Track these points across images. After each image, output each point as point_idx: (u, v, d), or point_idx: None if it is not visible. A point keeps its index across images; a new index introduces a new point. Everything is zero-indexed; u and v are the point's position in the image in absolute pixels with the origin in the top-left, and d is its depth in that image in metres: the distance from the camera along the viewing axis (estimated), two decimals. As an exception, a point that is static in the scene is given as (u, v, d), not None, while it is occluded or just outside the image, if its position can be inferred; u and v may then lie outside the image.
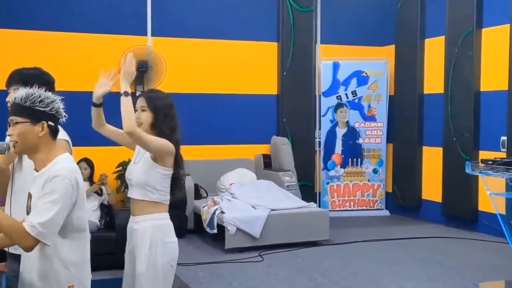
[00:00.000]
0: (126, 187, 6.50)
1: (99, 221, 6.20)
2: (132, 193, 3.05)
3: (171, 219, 6.16)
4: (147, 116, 3.01)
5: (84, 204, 2.47)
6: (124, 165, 6.57)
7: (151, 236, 2.95)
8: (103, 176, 6.32)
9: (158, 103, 3.04)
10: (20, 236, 2.22)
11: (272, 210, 5.99)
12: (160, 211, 3.03)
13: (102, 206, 6.35)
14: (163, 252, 2.95)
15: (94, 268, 5.66)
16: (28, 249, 2.27)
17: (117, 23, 6.96)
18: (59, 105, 2.47)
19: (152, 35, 7.12)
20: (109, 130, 3.17)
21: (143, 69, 6.82)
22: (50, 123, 2.40)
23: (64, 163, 2.39)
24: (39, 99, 2.37)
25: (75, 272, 2.41)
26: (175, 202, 6.13)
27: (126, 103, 2.88)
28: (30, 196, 2.40)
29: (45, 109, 2.38)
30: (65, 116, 2.52)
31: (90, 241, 5.73)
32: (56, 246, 2.36)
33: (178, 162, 3.05)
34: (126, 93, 2.91)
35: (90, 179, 6.37)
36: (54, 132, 2.45)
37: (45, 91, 2.45)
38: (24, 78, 2.72)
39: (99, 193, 6.31)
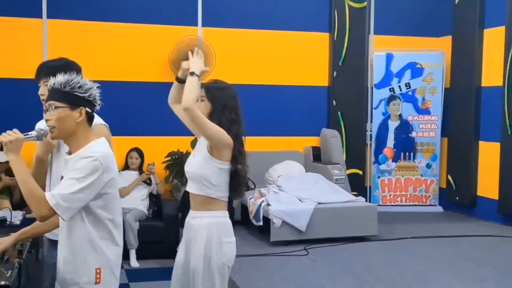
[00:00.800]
0: (175, 177, 6.60)
1: (148, 210, 6.27)
2: (190, 187, 3.01)
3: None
4: (204, 106, 2.95)
5: (116, 191, 2.48)
6: (173, 155, 6.60)
7: (207, 234, 2.89)
8: (151, 166, 6.37)
9: (216, 94, 2.97)
10: (39, 203, 2.25)
11: (319, 203, 5.90)
12: (218, 209, 2.96)
13: (150, 196, 6.42)
14: (218, 252, 2.89)
15: (141, 256, 5.80)
16: (43, 218, 2.30)
17: (168, 13, 6.96)
18: (97, 92, 2.48)
19: (202, 25, 7.10)
20: (181, 109, 3.10)
21: (192, 60, 6.81)
22: (88, 109, 2.43)
23: (98, 147, 2.41)
24: (78, 84, 2.40)
25: (103, 256, 2.42)
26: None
27: (190, 81, 2.86)
28: (61, 178, 2.42)
29: (84, 95, 2.41)
30: (100, 104, 2.52)
31: (138, 230, 5.85)
32: (86, 228, 2.38)
33: (235, 156, 2.93)
34: (192, 73, 2.89)
35: (140, 168, 6.44)
36: (90, 119, 2.47)
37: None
38: (52, 70, 2.72)
39: (148, 182, 6.38)
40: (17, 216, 3.45)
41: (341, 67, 7.54)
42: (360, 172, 7.62)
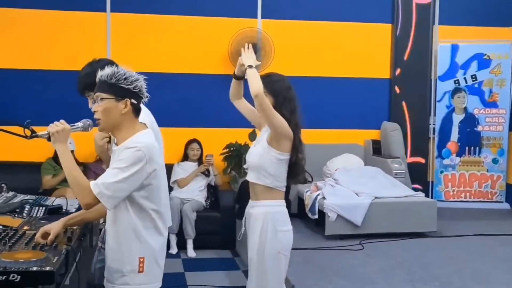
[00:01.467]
0: (233, 168, 6.65)
1: (205, 201, 6.35)
2: (249, 176, 3.09)
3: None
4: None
5: (160, 182, 2.51)
6: (231, 147, 6.65)
7: (263, 223, 2.97)
8: (209, 157, 6.44)
9: (276, 86, 3.03)
10: (83, 191, 2.32)
11: (376, 198, 5.80)
12: (274, 198, 3.02)
13: (208, 187, 6.50)
14: (273, 240, 2.94)
15: (198, 246, 5.87)
16: (87, 206, 2.36)
17: (228, 6, 7.00)
18: (142, 84, 2.52)
19: (262, 17, 7.09)
20: (244, 104, 3.25)
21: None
22: (133, 101, 2.46)
23: (142, 137, 2.45)
24: (124, 76, 2.44)
25: (147, 245, 2.46)
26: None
27: (252, 72, 2.94)
28: None
29: (129, 86, 2.45)
30: (147, 96, 2.55)
31: (195, 221, 5.93)
32: (130, 218, 2.43)
33: (296, 146, 3.01)
34: (250, 66, 2.97)
35: (199, 160, 6.53)
36: (136, 110, 2.50)
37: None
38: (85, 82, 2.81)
39: (206, 173, 6.45)
40: (73, 204, 3.55)
41: (403, 59, 7.35)
42: (423, 160, 7.42)
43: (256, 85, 2.87)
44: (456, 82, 7.51)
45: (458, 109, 7.54)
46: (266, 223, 2.95)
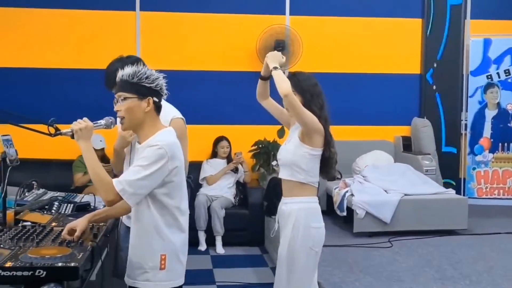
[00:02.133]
0: (261, 166, 6.66)
1: (234, 198, 6.38)
2: (282, 173, 3.12)
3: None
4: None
5: (181, 179, 2.53)
6: (259, 144, 6.65)
7: (295, 219, 3.00)
8: (239, 155, 6.47)
9: (303, 85, 3.06)
10: (106, 188, 2.36)
11: (405, 195, 5.74)
12: (308, 194, 3.05)
13: (237, 184, 6.53)
14: (305, 236, 2.98)
15: (227, 243, 5.91)
16: (110, 202, 2.41)
17: (256, 3, 7.00)
18: (163, 82, 2.54)
19: (290, 14, 7.08)
20: (271, 103, 3.30)
21: (279, 48, 6.82)
22: (155, 99, 2.49)
23: (164, 135, 2.48)
24: (145, 75, 2.47)
25: (169, 242, 2.48)
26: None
27: (278, 73, 2.98)
28: None
29: (151, 85, 2.48)
30: (166, 94, 2.58)
31: (224, 218, 5.97)
32: (152, 214, 2.46)
33: (328, 141, 3.05)
34: (275, 68, 3.01)
35: (228, 157, 6.56)
36: (158, 108, 2.53)
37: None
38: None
39: (235, 171, 6.48)
40: (101, 201, 3.60)
41: (433, 54, 7.26)
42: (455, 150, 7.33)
43: (284, 84, 2.90)
44: (489, 77, 7.37)
45: (490, 105, 7.41)
46: (299, 219, 2.99)
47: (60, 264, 2.20)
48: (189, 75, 6.77)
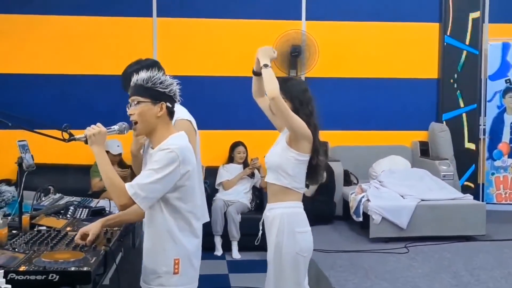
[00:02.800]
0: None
1: (250, 203, 6.39)
2: (268, 177, 3.11)
3: (319, 204, 6.20)
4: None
5: (194, 184, 2.53)
6: (275, 149, 6.65)
7: (279, 224, 2.98)
8: (255, 160, 6.48)
9: (292, 90, 3.05)
10: (119, 192, 2.39)
11: (422, 200, 5.70)
12: (292, 199, 3.03)
13: (253, 189, 6.53)
14: (291, 242, 2.96)
15: (243, 248, 5.91)
16: (122, 207, 2.43)
17: (272, 8, 7.02)
18: (176, 88, 2.57)
19: (306, 19, 7.08)
20: (265, 103, 3.23)
21: (295, 53, 6.83)
22: (168, 104, 2.51)
23: (176, 139, 2.50)
24: (160, 80, 2.50)
25: (182, 247, 2.49)
26: (322, 188, 6.16)
27: (268, 73, 2.96)
28: None
29: (165, 90, 2.50)
30: (180, 100, 2.60)
31: (240, 223, 5.98)
32: (165, 219, 2.47)
33: (316, 148, 3.03)
34: (266, 65, 2.98)
35: (244, 162, 6.57)
36: (171, 113, 2.56)
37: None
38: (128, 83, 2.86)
39: (251, 176, 6.48)
40: (116, 206, 3.64)
41: (451, 58, 7.22)
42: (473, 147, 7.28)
43: (271, 86, 2.88)
44: (508, 81, 7.30)
45: (509, 109, 7.33)
46: (283, 224, 2.97)
47: (73, 269, 2.23)
48: (206, 80, 6.81)
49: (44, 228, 2.88)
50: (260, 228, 3.17)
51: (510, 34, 7.26)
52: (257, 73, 3.15)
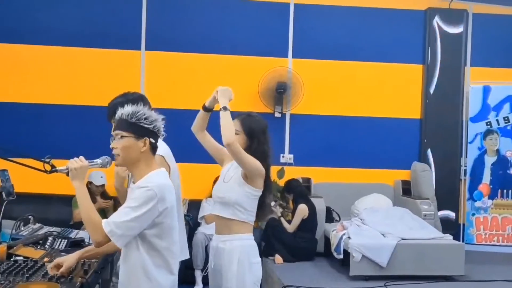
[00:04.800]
0: (260, 206, 6.68)
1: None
2: (220, 211, 3.12)
3: (300, 241, 6.21)
4: (241, 140, 3.07)
5: (172, 221, 2.55)
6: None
7: (239, 256, 3.02)
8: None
9: (253, 127, 3.10)
10: (95, 228, 2.39)
11: (402, 239, 5.73)
12: (246, 231, 3.10)
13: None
14: (249, 272, 3.02)
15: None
16: (98, 244, 2.42)
17: (259, 45, 7.14)
18: (161, 124, 2.60)
19: (293, 56, 7.20)
20: (206, 137, 3.32)
21: (281, 90, 6.93)
22: (152, 139, 2.54)
23: (155, 177, 2.52)
24: (144, 116, 2.53)
25: (156, 284, 2.49)
26: (305, 224, 6.17)
27: (225, 116, 3.03)
28: None
29: (149, 126, 2.53)
30: (163, 135, 2.64)
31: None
32: (140, 256, 2.48)
33: (267, 186, 3.09)
34: (225, 108, 3.06)
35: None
36: (154, 149, 2.58)
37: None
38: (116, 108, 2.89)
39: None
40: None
41: (434, 100, 7.36)
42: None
43: (228, 133, 2.94)
44: (488, 123, 7.43)
45: (490, 151, 7.44)
46: (242, 256, 3.02)
47: (47, 300, 2.24)
48: (192, 114, 6.79)
49: (21, 258, 2.89)
50: (211, 259, 3.16)
51: (491, 78, 7.43)
52: (208, 109, 3.20)
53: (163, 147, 3.10)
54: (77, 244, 3.39)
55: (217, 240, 3.14)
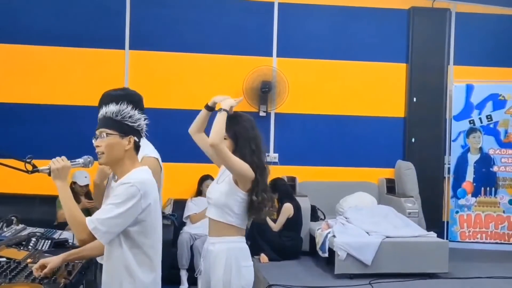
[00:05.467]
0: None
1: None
2: (210, 213, 3.11)
3: (286, 240, 6.21)
4: (228, 144, 3.03)
5: (155, 218, 2.54)
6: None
7: (226, 259, 2.99)
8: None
9: (236, 129, 3.05)
10: (79, 226, 2.38)
11: (387, 237, 5.77)
12: (236, 234, 3.05)
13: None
14: (237, 276, 2.97)
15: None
16: (82, 242, 2.42)
17: (243, 44, 7.14)
18: (144, 123, 2.61)
19: (277, 56, 7.21)
20: (204, 139, 3.21)
21: (266, 89, 6.93)
22: (136, 138, 2.54)
23: (138, 173, 2.51)
24: (129, 115, 2.53)
25: (139, 282, 2.48)
26: (290, 223, 6.18)
27: (220, 118, 2.97)
28: None
29: (133, 124, 2.53)
30: (146, 134, 2.63)
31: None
32: (123, 254, 2.46)
33: (253, 187, 3.01)
34: (226, 110, 2.99)
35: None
36: (137, 148, 2.58)
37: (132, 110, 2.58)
38: (113, 99, 2.85)
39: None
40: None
41: (417, 98, 7.41)
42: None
43: (217, 134, 2.90)
44: (471, 122, 7.50)
45: (473, 149, 7.51)
46: (230, 259, 2.98)
47: (30, 301, 2.22)
48: (175, 113, 6.83)
49: (4, 259, 2.86)
50: (201, 261, 3.14)
51: (473, 77, 7.49)
52: (211, 108, 3.16)
53: (153, 149, 3.10)
54: (60, 245, 3.37)
55: (207, 242, 3.13)
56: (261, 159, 3.08)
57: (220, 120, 2.95)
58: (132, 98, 3.05)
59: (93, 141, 2.55)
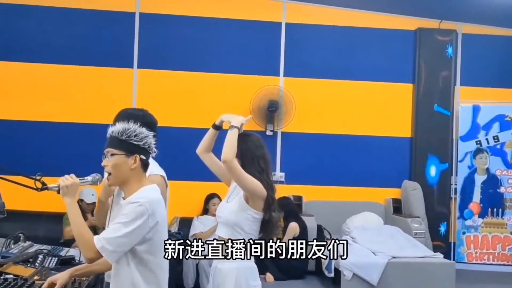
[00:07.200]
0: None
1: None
2: (220, 231, 3.10)
3: (292, 259, 6.17)
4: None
5: (163, 236, 2.55)
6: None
7: (236, 278, 2.98)
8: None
9: (243, 148, 3.06)
10: (86, 245, 2.39)
11: (393, 257, 5.75)
12: None
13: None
14: None
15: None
16: (90, 260, 2.42)
17: (251, 63, 7.18)
18: (152, 140, 2.61)
19: (284, 75, 7.25)
20: (212, 159, 3.24)
21: (273, 109, 6.96)
22: (142, 156, 2.55)
23: (146, 192, 2.52)
24: (134, 133, 2.53)
25: None
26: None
27: (232, 134, 2.99)
28: None
29: (139, 143, 2.54)
30: (155, 152, 2.65)
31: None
32: (130, 271, 2.47)
33: (268, 205, 3.03)
34: (237, 127, 3.01)
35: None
36: (145, 166, 2.59)
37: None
38: (129, 117, 2.87)
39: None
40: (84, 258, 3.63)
41: (424, 119, 7.42)
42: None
43: (229, 150, 2.92)
44: (478, 142, 7.50)
45: (480, 170, 7.50)
46: (240, 278, 2.98)
47: (37, 318, 2.23)
48: (183, 132, 6.87)
49: (11, 276, 2.87)
50: (211, 280, 3.13)
51: (480, 97, 7.51)
52: (218, 127, 3.18)
53: (158, 167, 3.11)
54: (67, 262, 3.38)
55: (216, 260, 3.11)
56: (270, 178, 3.08)
57: (231, 137, 2.97)
58: (147, 119, 3.06)
59: (103, 159, 2.57)
